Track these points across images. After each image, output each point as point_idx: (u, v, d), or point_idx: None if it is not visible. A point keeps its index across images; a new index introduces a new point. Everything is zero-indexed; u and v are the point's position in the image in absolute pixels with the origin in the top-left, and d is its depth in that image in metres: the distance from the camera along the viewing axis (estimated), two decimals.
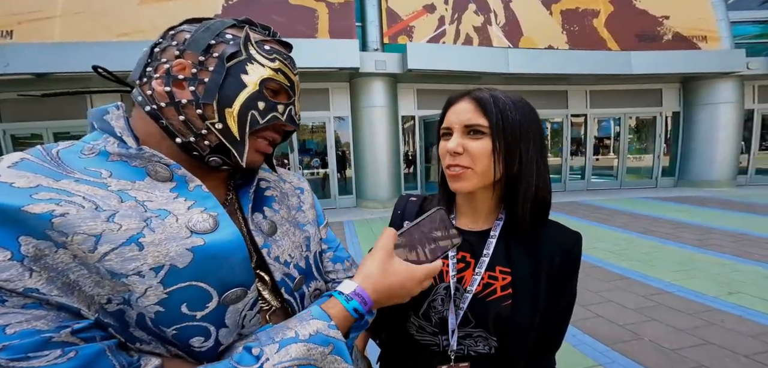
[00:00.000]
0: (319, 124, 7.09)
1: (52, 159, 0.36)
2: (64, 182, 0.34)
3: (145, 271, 0.34)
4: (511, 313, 0.59)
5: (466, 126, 0.59)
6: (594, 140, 8.82)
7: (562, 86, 8.23)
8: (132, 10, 5.86)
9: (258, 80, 0.43)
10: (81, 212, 0.33)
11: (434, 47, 6.92)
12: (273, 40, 0.48)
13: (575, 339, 2.26)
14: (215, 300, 0.37)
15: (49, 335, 0.30)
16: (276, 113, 0.45)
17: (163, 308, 0.34)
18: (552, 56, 7.40)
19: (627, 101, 8.51)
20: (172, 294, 0.35)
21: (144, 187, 0.38)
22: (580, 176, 8.78)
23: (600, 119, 8.87)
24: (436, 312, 0.64)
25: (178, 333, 0.36)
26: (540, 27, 7.77)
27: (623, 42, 8.02)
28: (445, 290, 0.64)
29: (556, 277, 0.61)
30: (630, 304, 2.70)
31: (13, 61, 5.12)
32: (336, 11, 6.45)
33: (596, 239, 4.49)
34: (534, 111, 0.62)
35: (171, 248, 0.35)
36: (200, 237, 0.37)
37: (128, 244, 0.34)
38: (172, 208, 0.38)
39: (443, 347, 0.64)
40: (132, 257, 0.33)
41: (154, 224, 0.36)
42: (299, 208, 0.56)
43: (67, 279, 0.32)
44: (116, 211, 0.34)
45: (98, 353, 0.31)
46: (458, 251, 0.65)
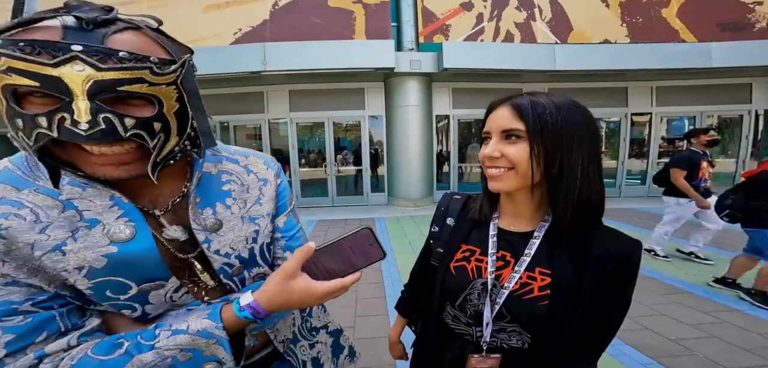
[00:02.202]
0: (354, 123, 7.39)
1: (27, 166, 0.45)
2: (24, 192, 0.43)
3: (70, 269, 0.43)
4: (546, 313, 0.60)
5: (503, 131, 0.61)
6: (661, 141, 7.80)
7: (620, 83, 7.44)
8: (198, 18, 6.74)
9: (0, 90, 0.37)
10: (22, 224, 0.41)
11: (471, 45, 6.78)
12: (30, 24, 0.38)
13: (615, 349, 2.16)
14: (134, 289, 0.46)
15: (16, 305, 0.41)
16: (42, 130, 0.37)
17: (92, 291, 0.44)
18: (607, 51, 6.75)
19: (705, 97, 7.38)
20: (95, 284, 0.44)
21: (90, 195, 0.45)
22: (640, 180, 7.82)
23: (670, 118, 7.80)
24: (472, 305, 0.68)
25: (111, 306, 0.47)
26: (594, 20, 7.15)
27: (701, 32, 7.00)
28: (482, 285, 0.67)
29: (604, 283, 0.59)
30: (687, 320, 2.47)
31: None
32: (372, 12, 6.69)
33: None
34: (584, 114, 0.61)
35: (88, 255, 0.43)
36: (114, 246, 0.44)
37: (54, 251, 0.42)
38: (104, 218, 0.45)
39: (476, 337, 0.68)
40: (58, 260, 0.42)
41: (80, 234, 0.43)
42: (257, 201, 0.59)
43: (31, 265, 0.42)
44: (50, 223, 0.43)
45: (48, 318, 0.42)
46: (498, 250, 0.67)
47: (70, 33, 0.38)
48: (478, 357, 0.66)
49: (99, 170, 0.42)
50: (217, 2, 6.69)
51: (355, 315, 2.67)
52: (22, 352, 0.40)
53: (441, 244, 0.77)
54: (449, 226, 0.77)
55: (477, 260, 0.69)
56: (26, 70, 0.35)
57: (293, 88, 7.03)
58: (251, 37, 6.62)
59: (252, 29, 6.65)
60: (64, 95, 0.37)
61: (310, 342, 0.71)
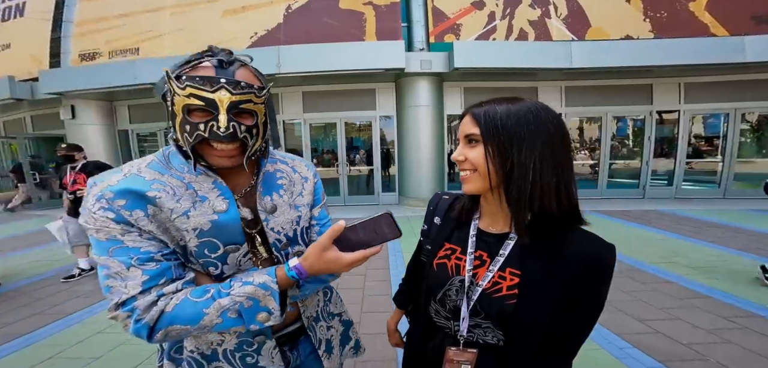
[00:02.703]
0: (366, 123, 7.47)
1: (165, 160, 0.65)
2: (166, 176, 0.63)
3: (189, 229, 0.62)
4: (513, 311, 0.63)
5: (465, 136, 0.67)
6: (695, 140, 7.35)
7: (644, 80, 7.11)
8: (217, 23, 7.11)
9: (180, 108, 0.59)
10: (166, 196, 0.61)
11: (482, 45, 6.71)
12: (196, 65, 0.60)
13: (622, 351, 2.08)
14: (221, 249, 0.64)
15: (152, 254, 0.58)
16: (199, 132, 0.58)
17: (197, 248, 0.63)
18: (630, 47, 6.48)
19: (739, 93, 6.91)
20: (200, 243, 0.63)
21: (201, 180, 0.65)
22: (667, 181, 7.38)
23: (700, 115, 7.35)
24: (451, 300, 0.72)
25: (203, 264, 0.64)
26: (613, 16, 6.91)
27: (733, 26, 6.60)
28: (460, 282, 0.71)
29: (575, 284, 0.60)
30: (704, 324, 2.34)
31: (139, 74, 6.70)
32: (382, 13, 6.78)
33: (675, 253, 3.84)
34: (541, 118, 0.62)
35: (201, 219, 0.62)
36: (216, 215, 0.64)
37: (183, 215, 0.61)
38: (209, 194, 0.64)
39: (454, 331, 0.72)
40: (184, 222, 0.61)
41: (197, 205, 0.63)
42: (300, 194, 0.78)
43: (164, 227, 0.60)
44: (181, 197, 0.62)
45: (168, 267, 0.60)
46: (476, 250, 0.71)
47: (218, 70, 0.60)
48: (456, 350, 0.70)
49: (217, 160, 0.63)
50: (233, 7, 7.03)
51: (361, 311, 2.71)
52: (149, 291, 0.57)
53: (429, 241, 0.82)
54: (436, 225, 0.82)
55: (457, 258, 0.73)
56: (199, 95, 0.57)
57: (306, 90, 7.22)
58: (266, 40, 6.89)
59: (267, 32, 6.92)
60: (214, 110, 0.58)
61: (327, 324, 0.85)
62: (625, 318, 2.45)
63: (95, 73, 6.97)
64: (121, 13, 7.45)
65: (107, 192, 0.57)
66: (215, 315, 0.58)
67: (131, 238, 0.57)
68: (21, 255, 4.54)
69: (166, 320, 0.57)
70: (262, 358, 0.71)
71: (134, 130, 8.15)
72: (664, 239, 4.43)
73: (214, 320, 0.58)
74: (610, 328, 2.32)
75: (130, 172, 0.61)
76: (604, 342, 2.16)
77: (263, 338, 0.71)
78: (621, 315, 2.50)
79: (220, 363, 0.69)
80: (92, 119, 7.74)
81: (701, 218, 5.52)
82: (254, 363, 0.71)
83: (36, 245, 5.00)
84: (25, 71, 7.83)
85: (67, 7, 7.78)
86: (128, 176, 0.60)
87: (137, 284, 0.56)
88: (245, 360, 0.70)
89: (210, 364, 0.69)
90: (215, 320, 0.58)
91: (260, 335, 0.71)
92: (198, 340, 0.69)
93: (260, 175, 0.71)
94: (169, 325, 0.57)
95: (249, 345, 0.70)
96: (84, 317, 2.72)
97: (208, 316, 0.57)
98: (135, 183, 0.59)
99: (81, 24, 7.67)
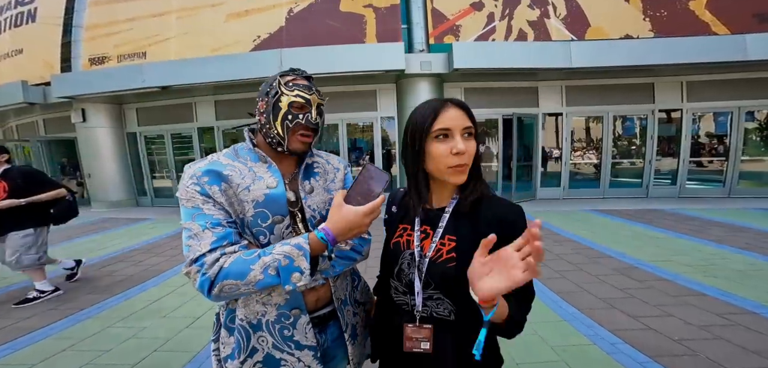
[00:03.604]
0: (368, 124, 7.56)
1: (235, 152, 0.85)
2: (235, 163, 0.82)
3: (249, 201, 0.78)
4: (454, 272, 0.71)
5: (464, 129, 0.72)
6: (705, 139, 7.31)
7: (645, 78, 7.09)
8: (221, 26, 7.26)
9: (286, 104, 0.81)
10: (235, 176, 0.79)
11: (481, 45, 6.76)
12: (295, 77, 0.84)
13: (613, 347, 2.12)
14: (270, 219, 0.79)
15: (220, 219, 0.74)
16: (298, 120, 0.81)
17: (252, 218, 0.78)
18: (630, 46, 6.49)
19: (743, 92, 6.87)
20: (255, 213, 0.78)
21: (257, 165, 0.83)
22: (671, 180, 7.34)
23: (704, 114, 7.30)
24: (405, 274, 0.79)
25: (255, 233, 0.79)
26: (613, 16, 6.92)
27: (735, 24, 6.57)
28: (411, 255, 0.78)
29: (502, 238, 0.65)
30: (696, 321, 2.37)
31: (147, 77, 6.87)
32: (382, 15, 6.87)
33: (675, 252, 3.85)
34: None
35: (257, 193, 0.79)
36: (268, 190, 0.80)
37: (246, 189, 0.79)
38: (264, 175, 0.82)
39: (411, 307, 0.78)
40: (246, 194, 0.78)
41: (256, 182, 0.80)
42: (332, 180, 0.93)
43: (231, 201, 0.77)
44: (244, 175, 0.80)
45: (230, 233, 0.74)
46: (421, 225, 0.80)
47: (309, 81, 0.86)
48: (413, 327, 0.76)
49: (295, 145, 0.82)
50: (237, 11, 7.17)
51: None
52: (215, 250, 0.71)
53: (387, 225, 0.92)
54: (393, 212, 0.92)
55: (408, 235, 0.82)
56: (303, 96, 0.82)
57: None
58: (269, 43, 7.01)
59: (269, 35, 7.05)
60: (309, 106, 0.83)
61: (354, 310, 0.95)
62: (618, 314, 2.49)
63: (104, 76, 7.16)
64: (128, 18, 7.64)
65: (197, 172, 0.77)
66: (259, 271, 0.69)
67: (208, 207, 0.74)
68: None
69: (222, 275, 0.69)
70: (296, 332, 0.81)
71: (142, 132, 8.34)
72: (664, 238, 4.44)
73: (258, 276, 0.69)
74: (602, 324, 2.37)
75: (213, 158, 0.82)
76: (595, 338, 2.21)
77: (298, 312, 0.82)
78: (614, 311, 2.54)
79: (263, 333, 0.81)
80: (102, 122, 7.93)
81: (704, 217, 5.50)
82: (290, 336, 0.81)
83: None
84: (38, 76, 8.06)
85: (77, 13, 7.99)
86: (211, 161, 0.80)
87: (207, 243, 0.71)
88: (283, 333, 0.81)
89: (255, 332, 0.81)
90: (258, 276, 0.69)
91: (296, 309, 0.82)
92: (247, 310, 0.82)
93: (302, 165, 0.89)
94: (223, 279, 0.69)
95: (286, 318, 0.81)
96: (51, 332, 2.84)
97: (253, 272, 0.69)
98: (215, 165, 0.79)
99: (90, 28, 7.88)
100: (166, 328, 2.53)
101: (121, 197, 8.35)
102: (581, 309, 2.61)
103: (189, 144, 8.18)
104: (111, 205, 8.24)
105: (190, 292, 3.16)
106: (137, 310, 2.86)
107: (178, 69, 6.74)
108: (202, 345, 2.29)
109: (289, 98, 0.80)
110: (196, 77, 6.65)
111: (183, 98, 7.82)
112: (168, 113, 8.08)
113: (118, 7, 7.74)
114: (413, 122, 0.76)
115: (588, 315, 2.50)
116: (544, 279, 3.19)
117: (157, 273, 3.76)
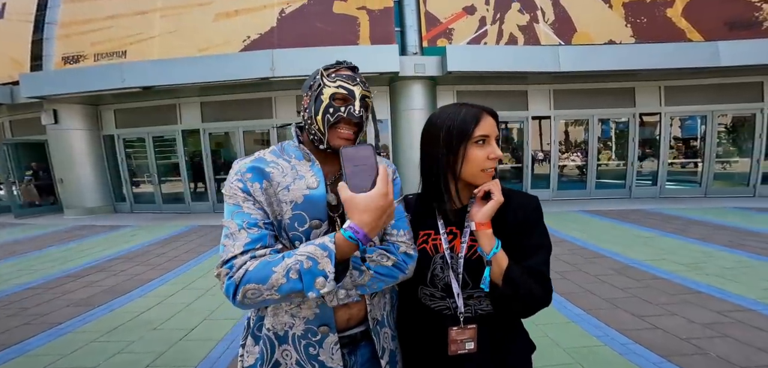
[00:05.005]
0: None
1: (281, 149, 0.81)
2: (279, 160, 0.78)
3: (287, 201, 0.73)
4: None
5: (497, 137, 0.78)
6: (676, 142, 7.66)
7: (627, 83, 7.39)
8: (208, 26, 7.02)
9: (328, 96, 0.75)
10: (277, 174, 0.75)
11: (474, 49, 6.85)
12: (339, 68, 0.79)
13: (624, 347, 2.11)
14: (308, 223, 0.73)
15: (257, 220, 0.70)
16: (340, 113, 0.74)
17: (289, 221, 0.73)
18: (613, 52, 6.75)
19: (716, 96, 7.26)
20: (293, 215, 0.73)
21: (300, 163, 0.78)
22: (651, 181, 7.66)
23: (680, 117, 7.68)
24: (439, 279, 0.78)
25: (291, 237, 0.73)
26: (598, 22, 7.18)
27: (708, 32, 6.95)
28: (442, 259, 0.78)
29: (519, 226, 0.77)
30: (699, 319, 2.40)
31: (127, 77, 6.53)
32: (376, 18, 6.85)
33: (665, 251, 3.96)
34: None
35: (297, 193, 0.73)
36: (308, 190, 0.74)
37: (286, 188, 0.74)
38: (306, 174, 0.77)
39: (453, 310, 0.77)
40: (285, 194, 0.73)
41: (296, 181, 0.75)
42: None
43: (269, 200, 0.72)
44: (286, 174, 0.75)
45: (265, 235, 0.70)
46: (447, 226, 0.81)
47: (353, 71, 0.80)
48: (458, 329, 0.75)
49: (337, 141, 0.75)
50: (226, 10, 6.96)
51: None
52: (247, 252, 0.66)
53: None
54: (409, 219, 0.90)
55: (433, 240, 0.81)
56: (346, 87, 0.75)
57: (301, 94, 7.18)
58: (259, 44, 6.84)
59: (260, 36, 6.87)
60: (352, 98, 0.75)
61: (393, 333, 0.85)
62: (623, 314, 2.52)
63: (80, 76, 6.76)
64: (108, 15, 7.26)
65: (243, 167, 0.74)
66: (281, 274, 0.63)
67: (247, 205, 0.71)
68: None
69: (246, 278, 0.64)
70: (322, 352, 0.74)
71: (121, 135, 7.92)
72: (650, 237, 4.59)
73: (280, 279, 0.63)
74: (609, 324, 2.38)
75: (258, 155, 0.79)
76: (606, 339, 2.21)
77: (327, 329, 0.74)
78: (619, 311, 2.56)
79: (288, 347, 0.75)
80: (76, 124, 7.48)
81: (685, 216, 5.75)
82: (315, 354, 0.74)
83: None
84: (5, 75, 7.54)
85: (50, 9, 7.53)
86: (256, 158, 0.77)
87: (241, 245, 0.67)
88: (308, 350, 0.74)
89: (281, 345, 0.76)
90: (281, 279, 0.63)
91: (324, 326, 0.74)
92: (275, 319, 0.76)
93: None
94: (247, 283, 0.64)
95: (313, 335, 0.74)
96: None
97: (275, 275, 0.63)
98: (260, 162, 0.75)
99: (65, 25, 7.43)
100: (158, 341, 2.36)
101: (97, 203, 7.88)
102: (587, 309, 2.62)
103: (172, 147, 7.84)
104: (86, 211, 7.76)
105: (180, 303, 2.97)
106: (124, 322, 2.65)
107: (163, 69, 6.45)
108: (199, 358, 2.14)
109: (331, 89, 0.74)
110: (182, 78, 6.38)
111: (166, 99, 7.49)
112: (149, 114, 7.71)
113: (96, 4, 7.34)
114: (451, 126, 0.77)
115: (594, 316, 2.51)
116: None
117: (141, 283, 3.52)
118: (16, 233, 6.36)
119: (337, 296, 0.72)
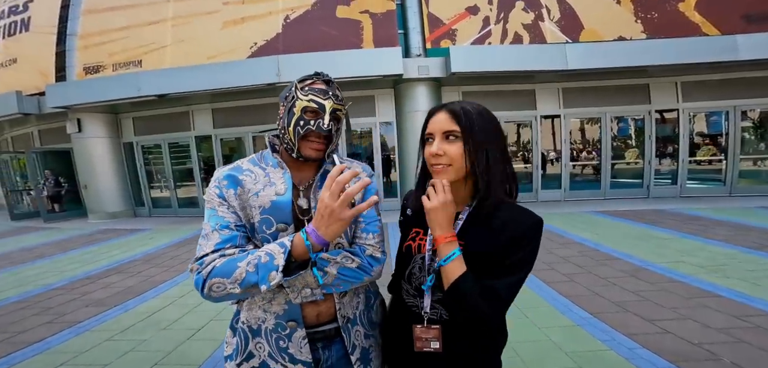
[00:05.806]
0: (366, 129, 7.52)
1: (260, 157, 0.86)
2: (255, 168, 0.82)
3: (256, 206, 0.77)
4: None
5: (444, 132, 0.74)
6: (702, 139, 7.33)
7: (640, 79, 7.15)
8: (216, 34, 7.22)
9: (299, 109, 0.78)
10: (249, 181, 0.80)
11: (478, 49, 6.79)
12: (314, 81, 0.81)
13: (631, 352, 2.05)
14: (274, 226, 0.77)
15: (229, 222, 0.76)
16: (309, 127, 0.78)
17: (258, 224, 0.77)
18: (623, 48, 6.56)
19: (737, 91, 6.94)
20: (261, 219, 0.77)
21: (275, 171, 0.83)
22: (671, 180, 7.36)
23: (700, 113, 7.36)
24: (415, 278, 0.81)
25: (260, 240, 0.78)
26: (606, 18, 6.99)
27: (725, 25, 6.66)
28: (422, 259, 0.80)
29: (506, 245, 0.71)
30: (716, 324, 2.30)
31: (143, 86, 6.80)
32: (379, 21, 6.88)
33: (683, 253, 3.79)
34: (494, 117, 0.77)
35: (265, 199, 0.78)
36: (276, 196, 0.78)
37: (255, 194, 0.78)
38: (277, 181, 0.81)
39: (420, 308, 0.79)
40: (255, 199, 0.78)
41: (266, 188, 0.79)
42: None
43: (242, 205, 0.77)
44: (258, 180, 0.80)
45: (236, 236, 0.75)
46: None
47: (327, 85, 0.81)
48: (421, 328, 0.78)
49: (308, 151, 0.80)
50: (233, 18, 7.15)
51: None
52: (217, 251, 0.72)
53: (402, 228, 0.92)
54: (408, 215, 0.91)
55: (421, 240, 0.82)
56: (317, 101, 0.78)
57: None
58: (266, 50, 6.99)
59: (266, 42, 7.02)
60: (322, 112, 0.78)
61: (366, 331, 0.88)
62: (633, 318, 2.43)
63: (99, 86, 7.08)
64: (123, 26, 7.58)
65: (220, 175, 0.80)
66: (243, 268, 0.69)
67: (222, 210, 0.77)
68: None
69: (213, 273, 0.70)
70: (291, 345, 0.78)
71: (139, 142, 8.24)
72: (669, 238, 4.41)
73: (242, 273, 0.68)
74: (617, 328, 2.31)
75: (236, 164, 0.84)
76: (612, 343, 2.14)
77: (294, 325, 0.78)
78: (629, 315, 2.48)
79: (261, 340, 0.80)
80: (98, 132, 7.84)
81: (707, 216, 5.49)
82: (285, 347, 0.79)
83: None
84: (33, 86, 7.96)
85: (71, 21, 7.92)
86: (234, 166, 0.83)
87: (212, 244, 0.73)
88: (279, 343, 0.79)
89: (254, 338, 0.80)
90: (242, 273, 0.68)
91: (292, 321, 0.78)
92: (249, 314, 0.82)
93: (320, 172, 0.85)
94: (213, 277, 0.69)
95: (283, 329, 0.79)
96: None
97: (238, 269, 0.69)
98: (235, 171, 0.81)
99: (84, 37, 7.80)
100: (167, 340, 2.45)
101: (118, 208, 8.22)
102: (594, 313, 2.55)
103: (187, 153, 8.10)
104: (108, 216, 8.11)
105: (190, 303, 3.07)
106: (136, 322, 2.77)
107: (174, 77, 6.69)
108: (204, 357, 2.21)
109: (303, 102, 0.78)
110: (193, 85, 6.60)
111: (180, 106, 7.76)
112: (165, 122, 8.01)
113: (112, 15, 7.68)
114: (422, 128, 0.81)
115: (601, 319, 2.44)
116: (553, 283, 3.14)
117: (156, 284, 3.66)
118: (44, 237, 6.72)
119: (300, 293, 0.75)
